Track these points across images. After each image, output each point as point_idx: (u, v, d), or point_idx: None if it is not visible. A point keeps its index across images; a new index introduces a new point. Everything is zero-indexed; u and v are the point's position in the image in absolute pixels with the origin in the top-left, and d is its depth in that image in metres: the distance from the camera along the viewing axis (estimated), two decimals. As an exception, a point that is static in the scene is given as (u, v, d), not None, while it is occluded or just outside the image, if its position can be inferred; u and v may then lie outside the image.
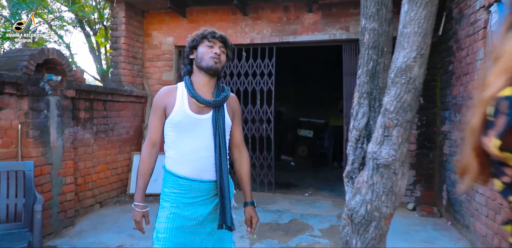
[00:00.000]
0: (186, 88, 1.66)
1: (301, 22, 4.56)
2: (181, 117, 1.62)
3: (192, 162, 1.64)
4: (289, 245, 3.23)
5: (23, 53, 3.09)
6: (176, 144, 1.66)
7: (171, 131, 1.66)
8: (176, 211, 1.67)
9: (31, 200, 2.58)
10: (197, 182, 1.66)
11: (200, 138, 1.64)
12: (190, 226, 1.67)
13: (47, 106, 3.24)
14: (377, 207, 1.50)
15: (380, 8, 1.66)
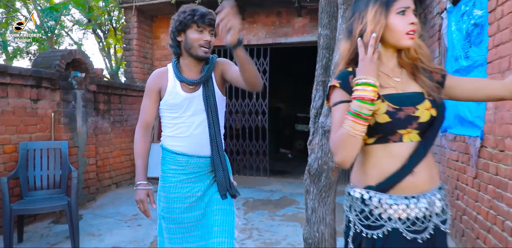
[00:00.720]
0: (175, 72, 1.68)
1: (292, 26, 5.16)
2: (175, 98, 1.66)
3: (188, 138, 1.68)
4: (277, 214, 3.84)
5: (55, 54, 3.72)
6: (172, 123, 1.70)
7: (167, 112, 1.71)
8: (176, 189, 1.70)
9: (66, 172, 3.20)
10: (194, 157, 1.68)
11: (194, 115, 1.68)
12: (189, 203, 1.70)
13: (74, 98, 3.87)
14: (325, 162, 2.08)
15: (331, 20, 2.24)
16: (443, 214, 1.12)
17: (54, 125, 3.69)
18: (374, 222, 1.08)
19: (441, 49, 3.52)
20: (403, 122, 1.07)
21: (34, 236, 3.17)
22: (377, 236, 1.07)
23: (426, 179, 1.09)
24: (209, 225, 1.70)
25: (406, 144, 1.09)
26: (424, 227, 1.07)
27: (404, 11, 1.07)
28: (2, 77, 3.07)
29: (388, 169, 1.08)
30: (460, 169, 2.92)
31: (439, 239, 1.10)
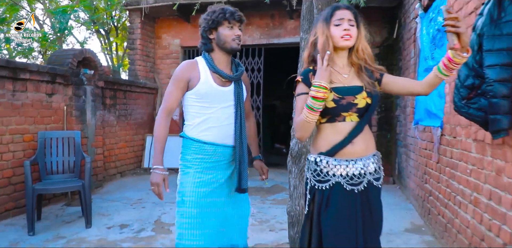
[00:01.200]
0: (208, 65, 1.77)
1: (284, 27, 5.54)
2: (207, 89, 1.76)
3: (216, 129, 1.79)
4: (268, 199, 4.24)
5: (67, 53, 4.10)
6: (201, 113, 1.79)
7: (196, 102, 1.79)
8: (200, 175, 1.79)
9: (79, 158, 3.58)
10: (220, 146, 1.81)
11: (223, 108, 1.80)
12: (213, 188, 1.80)
13: (84, 93, 4.25)
14: (304, 145, 2.46)
15: (310, 26, 2.62)
16: (376, 173, 1.53)
17: (67, 117, 4.07)
18: (323, 178, 1.48)
19: (415, 50, 3.91)
20: (345, 107, 1.47)
21: (50, 216, 3.55)
22: (325, 187, 1.48)
23: (362, 148, 1.49)
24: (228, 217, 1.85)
25: (348, 123, 1.48)
26: (359, 182, 1.47)
27: (339, 23, 1.45)
28: (23, 73, 3.45)
29: (334, 141, 1.48)
30: (427, 156, 3.32)
31: (372, 191, 1.50)
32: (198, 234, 1.74)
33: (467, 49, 1.26)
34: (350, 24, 1.46)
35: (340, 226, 1.44)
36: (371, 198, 1.49)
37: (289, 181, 2.64)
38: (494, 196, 1.95)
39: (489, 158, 2.02)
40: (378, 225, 1.55)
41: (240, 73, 1.86)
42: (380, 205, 1.55)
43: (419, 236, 3.06)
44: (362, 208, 1.47)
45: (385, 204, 3.76)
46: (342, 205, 1.45)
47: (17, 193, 3.51)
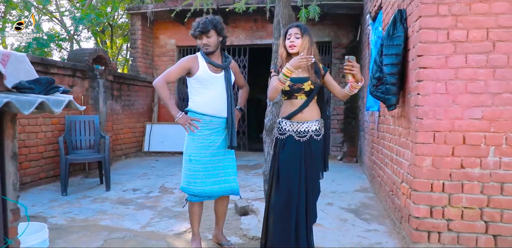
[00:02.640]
0: (204, 58, 2.37)
1: (266, 30, 6.44)
2: (205, 75, 2.35)
3: (212, 104, 2.37)
4: (251, 172, 5.16)
5: (84, 51, 4.93)
6: (201, 92, 2.38)
7: (197, 84, 2.38)
8: (202, 140, 2.37)
9: (98, 137, 4.44)
10: (216, 117, 2.40)
11: (217, 88, 2.38)
12: (212, 150, 2.38)
13: (98, 85, 5.09)
14: (274, 121, 3.39)
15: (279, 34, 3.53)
16: (317, 131, 2.22)
17: (84, 105, 4.91)
18: (282, 132, 2.24)
19: (368, 52, 4.87)
20: (296, 90, 2.18)
21: (73, 185, 4.39)
22: (283, 137, 2.22)
23: (308, 115, 2.20)
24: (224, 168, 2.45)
25: (299, 100, 2.19)
26: (304, 135, 2.20)
27: (289, 37, 2.17)
28: (52, 69, 4.28)
29: (291, 110, 2.21)
30: (373, 134, 4.28)
31: (313, 142, 2.20)
32: (200, 182, 2.38)
33: (360, 80, 2.01)
34: (296, 37, 2.16)
35: (290, 159, 2.18)
36: (312, 145, 2.21)
37: (264, 149, 3.56)
38: (398, 152, 2.91)
39: (396, 127, 2.97)
40: (317, 161, 2.25)
41: (228, 62, 2.45)
42: (318, 149, 2.25)
43: (364, 194, 4.03)
44: (305, 150, 2.19)
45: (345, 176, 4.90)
46: (292, 147, 2.19)
47: (47, 166, 4.35)
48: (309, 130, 2.21)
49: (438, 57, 2.29)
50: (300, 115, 2.21)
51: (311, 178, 2.22)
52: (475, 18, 2.25)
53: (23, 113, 1.39)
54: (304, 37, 2.18)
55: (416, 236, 2.37)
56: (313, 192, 2.24)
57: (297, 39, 2.17)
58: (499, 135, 2.25)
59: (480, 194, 2.29)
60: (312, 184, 2.23)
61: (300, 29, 2.19)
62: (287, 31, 2.23)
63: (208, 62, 2.39)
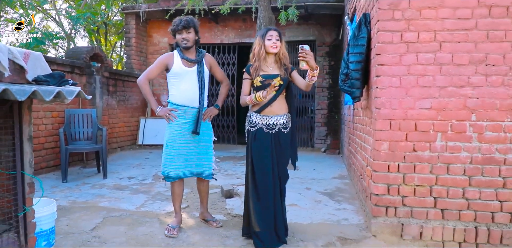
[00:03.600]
0: (179, 54, 2.61)
1: (254, 29, 6.77)
2: (179, 70, 2.60)
3: (186, 95, 2.62)
4: (238, 163, 5.52)
5: (81, 49, 5.23)
6: (176, 85, 2.63)
7: (173, 78, 2.63)
8: (178, 128, 2.63)
9: (96, 130, 4.76)
10: (189, 107, 2.65)
11: (190, 81, 2.61)
12: (186, 137, 2.64)
13: (94, 81, 5.40)
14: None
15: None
16: (284, 125, 2.47)
17: (81, 100, 5.22)
18: (253, 125, 2.48)
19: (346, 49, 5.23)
20: (266, 85, 2.40)
21: (72, 174, 4.70)
22: (253, 130, 2.46)
23: (277, 109, 2.45)
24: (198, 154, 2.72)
25: (270, 95, 2.39)
26: (273, 128, 2.45)
27: (270, 38, 2.41)
28: (52, 66, 4.57)
29: (261, 104, 2.44)
30: (350, 126, 4.66)
31: (281, 134, 2.45)
32: (175, 165, 2.66)
33: (315, 67, 2.22)
34: (276, 39, 2.43)
35: (261, 149, 2.42)
36: (281, 137, 2.47)
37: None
38: (364, 139, 3.28)
39: (364, 117, 3.35)
40: (285, 151, 2.50)
41: (200, 57, 2.67)
42: (286, 141, 2.49)
43: (341, 180, 4.41)
44: (275, 141, 2.45)
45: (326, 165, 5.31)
46: (262, 139, 2.44)
47: (48, 156, 4.67)
48: (277, 123, 2.44)
49: (393, 55, 2.66)
50: (269, 108, 2.43)
51: (281, 166, 2.49)
52: (425, 22, 2.61)
53: (45, 100, 1.73)
54: (282, 41, 2.46)
55: (376, 210, 2.74)
56: (283, 178, 2.52)
57: (278, 41, 2.42)
58: (445, 122, 2.63)
59: (430, 173, 2.66)
60: (282, 171, 2.51)
61: (279, 34, 2.45)
62: (266, 32, 2.44)
63: (182, 58, 2.63)
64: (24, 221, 2.09)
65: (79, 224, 2.87)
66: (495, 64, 2.54)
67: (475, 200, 2.60)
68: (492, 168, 2.57)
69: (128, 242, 2.58)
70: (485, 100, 2.56)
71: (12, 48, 1.84)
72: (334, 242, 2.64)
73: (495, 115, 2.56)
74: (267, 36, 2.43)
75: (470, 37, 2.56)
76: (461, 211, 2.62)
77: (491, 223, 2.60)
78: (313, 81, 2.35)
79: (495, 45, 2.54)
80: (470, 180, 2.60)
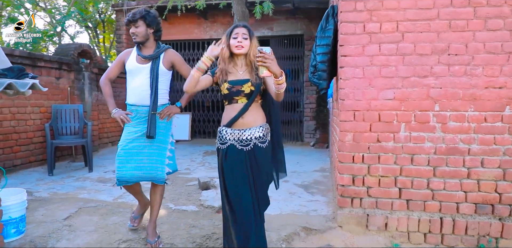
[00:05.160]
0: (136, 50, 2.45)
1: (244, 24, 6.79)
2: (131, 66, 2.42)
3: (137, 94, 2.40)
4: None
5: (70, 46, 5.32)
6: (128, 83, 2.45)
7: (127, 75, 2.45)
8: (129, 129, 2.44)
9: (82, 125, 4.84)
10: (141, 106, 2.41)
11: (141, 78, 2.39)
12: (135, 137, 2.40)
13: (83, 77, 5.48)
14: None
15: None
16: (261, 138, 2.02)
17: (70, 96, 5.31)
18: (223, 141, 2.04)
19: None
20: (235, 93, 1.99)
21: (60, 168, 4.81)
22: (224, 148, 2.03)
23: (250, 121, 2.00)
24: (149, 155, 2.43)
25: (239, 104, 2.00)
26: (247, 144, 2.00)
27: (236, 37, 1.99)
28: (39, 62, 4.67)
29: (230, 116, 2.01)
30: (332, 119, 4.67)
31: (257, 150, 2.00)
32: (122, 167, 2.40)
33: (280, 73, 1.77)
34: (243, 37, 2.00)
35: (234, 170, 2.01)
36: (257, 154, 2.01)
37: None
38: (336, 131, 3.29)
39: (335, 109, 3.36)
40: (263, 171, 2.05)
41: (155, 53, 2.42)
42: (265, 158, 2.05)
43: (321, 173, 4.43)
44: (250, 160, 2.00)
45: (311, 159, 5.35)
46: (234, 158, 2.00)
47: (36, 150, 4.77)
48: (252, 138, 2.01)
49: (356, 46, 2.66)
50: (241, 121, 2.01)
51: (260, 189, 2.05)
52: (387, 13, 2.61)
53: (-11, 91, 1.79)
54: (252, 40, 2.05)
55: (342, 201, 2.77)
56: (262, 204, 2.08)
57: (245, 39, 2.02)
58: (408, 113, 2.63)
59: (394, 164, 2.67)
60: (262, 195, 2.08)
61: (248, 30, 2.05)
62: (232, 30, 2.04)
63: (137, 54, 2.45)
64: (-13, 209, 2.16)
65: (54, 214, 2.95)
66: (457, 53, 2.53)
67: (440, 190, 2.60)
68: (456, 159, 2.57)
69: (97, 230, 2.66)
70: (448, 90, 2.56)
71: (-34, 42, 1.90)
72: (299, 232, 2.68)
73: (458, 105, 2.55)
74: (233, 34, 2.02)
75: (432, 27, 2.55)
76: (426, 202, 2.63)
77: (456, 214, 2.60)
78: (281, 89, 1.88)
79: (457, 34, 2.53)
80: (434, 170, 2.61)
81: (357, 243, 2.63)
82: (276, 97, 1.94)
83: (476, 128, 2.54)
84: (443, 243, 2.62)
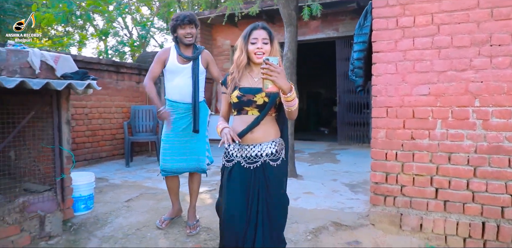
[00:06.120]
0: (176, 50, 2.56)
1: (308, 27, 6.89)
2: (173, 66, 2.57)
3: (179, 91, 2.59)
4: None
5: (148, 54, 6.07)
6: (170, 81, 2.62)
7: (168, 74, 2.63)
8: (172, 123, 2.61)
9: (155, 123, 5.48)
10: (181, 103, 2.60)
11: (183, 77, 2.57)
12: (177, 132, 2.61)
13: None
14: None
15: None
16: (273, 155, 1.75)
17: (147, 98, 6.03)
18: (229, 159, 1.81)
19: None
20: (246, 103, 1.74)
21: (137, 161, 5.48)
22: (229, 165, 1.80)
23: (260, 136, 1.75)
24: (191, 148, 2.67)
25: (249, 116, 1.75)
26: (255, 161, 1.75)
27: (255, 42, 1.73)
28: (122, 69, 5.44)
29: (239, 129, 1.75)
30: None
31: (267, 168, 1.74)
32: (169, 159, 2.66)
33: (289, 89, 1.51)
34: (264, 42, 1.74)
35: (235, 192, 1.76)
36: (267, 173, 1.75)
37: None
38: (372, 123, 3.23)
39: (379, 107, 3.29)
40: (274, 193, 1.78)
41: (196, 54, 2.61)
42: (275, 179, 1.77)
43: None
44: (256, 180, 1.75)
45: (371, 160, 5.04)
46: (239, 177, 1.77)
47: (118, 145, 5.54)
48: (262, 155, 1.76)
49: (388, 42, 2.62)
50: (250, 135, 1.76)
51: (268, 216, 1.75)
52: (420, 5, 2.53)
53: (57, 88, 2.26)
54: (274, 44, 1.78)
55: (374, 199, 2.73)
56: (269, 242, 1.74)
57: (265, 44, 1.75)
58: (445, 109, 2.50)
59: (429, 162, 2.55)
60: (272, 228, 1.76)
61: (269, 33, 1.79)
62: (250, 32, 1.78)
63: (178, 54, 2.61)
64: (62, 185, 2.70)
65: (119, 197, 3.46)
66: (501, 44, 2.35)
67: (482, 192, 2.42)
68: (500, 158, 2.37)
69: (148, 212, 3.06)
70: (490, 84, 2.38)
71: (45, 53, 2.44)
72: (328, 227, 2.73)
73: (502, 100, 2.36)
74: (251, 38, 1.76)
75: (471, 17, 2.41)
76: (466, 204, 2.47)
77: (501, 219, 2.39)
78: (292, 108, 1.62)
79: (500, 23, 2.34)
80: (475, 170, 2.44)
81: (388, 242, 2.58)
82: (288, 115, 1.69)
83: (525, 125, 2.31)
84: (486, 250, 2.42)
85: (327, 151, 6.27)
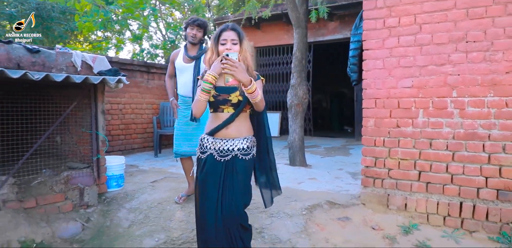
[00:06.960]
0: (184, 50, 2.97)
1: (327, 28, 7.19)
2: (179, 65, 3.01)
3: (184, 87, 3.04)
4: (300, 149, 6.07)
5: (176, 56, 6.62)
6: (178, 78, 3.08)
7: (177, 72, 3.07)
8: (181, 114, 3.07)
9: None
10: (186, 97, 3.08)
11: (187, 75, 2.98)
12: (186, 121, 3.03)
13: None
14: (293, 100, 4.28)
15: (299, 31, 4.41)
16: (245, 150, 1.90)
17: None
18: (203, 151, 1.94)
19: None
20: (221, 102, 1.86)
21: (165, 153, 6.02)
22: (203, 157, 1.93)
23: (234, 132, 1.90)
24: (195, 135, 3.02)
25: (225, 113, 1.89)
26: (227, 155, 1.89)
27: (224, 43, 1.84)
28: (152, 69, 6.02)
29: (215, 125, 1.91)
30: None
31: (237, 161, 1.89)
32: (178, 144, 3.13)
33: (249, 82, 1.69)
34: (233, 43, 1.84)
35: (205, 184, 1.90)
36: (237, 165, 1.89)
37: (287, 123, 4.50)
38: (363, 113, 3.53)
39: (376, 100, 3.59)
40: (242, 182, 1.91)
41: (198, 54, 2.98)
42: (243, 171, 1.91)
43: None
44: (226, 171, 1.89)
45: None
46: (210, 168, 1.90)
47: (149, 138, 6.12)
48: (234, 149, 1.89)
49: (376, 40, 2.94)
50: (225, 131, 1.90)
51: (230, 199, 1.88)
52: (405, 7, 2.83)
53: (94, 82, 2.79)
54: (243, 44, 1.88)
55: (365, 181, 3.05)
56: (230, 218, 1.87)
57: (235, 45, 1.86)
58: (426, 99, 2.78)
59: (413, 148, 2.84)
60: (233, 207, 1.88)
61: (238, 34, 1.88)
62: (220, 34, 1.87)
63: (184, 54, 3.03)
64: (97, 164, 3.23)
65: (146, 179, 3.98)
66: (475, 40, 2.61)
67: (459, 175, 2.68)
68: (475, 144, 2.63)
69: (170, 190, 3.54)
70: (465, 77, 2.65)
71: (85, 54, 2.98)
72: (322, 205, 3.07)
73: (476, 91, 2.62)
74: (221, 39, 1.86)
75: (449, 17, 2.68)
76: (445, 185, 2.73)
77: (476, 199, 2.64)
78: (255, 99, 1.79)
79: (475, 22, 2.61)
80: (453, 155, 2.70)
81: (375, 220, 2.89)
82: (255, 106, 1.86)
83: (497, 113, 2.56)
84: (463, 227, 2.68)
85: (343, 146, 6.54)
